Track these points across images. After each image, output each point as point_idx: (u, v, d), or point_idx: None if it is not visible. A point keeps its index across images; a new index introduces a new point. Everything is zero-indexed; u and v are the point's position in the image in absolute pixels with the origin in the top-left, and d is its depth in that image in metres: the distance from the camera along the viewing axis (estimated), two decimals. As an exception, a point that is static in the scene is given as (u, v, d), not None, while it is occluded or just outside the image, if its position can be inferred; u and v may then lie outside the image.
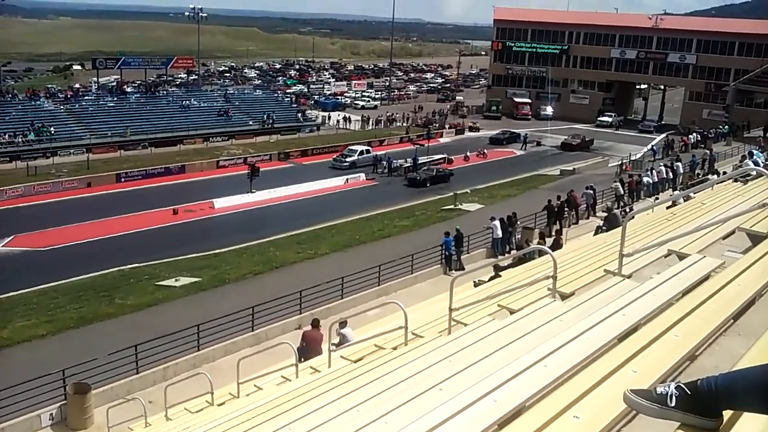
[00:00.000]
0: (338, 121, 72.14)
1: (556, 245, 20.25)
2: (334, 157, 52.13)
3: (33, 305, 22.65)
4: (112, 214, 35.51)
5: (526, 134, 62.92)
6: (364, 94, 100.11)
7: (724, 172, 25.87)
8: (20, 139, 49.34)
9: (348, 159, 50.75)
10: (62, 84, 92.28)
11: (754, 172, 11.42)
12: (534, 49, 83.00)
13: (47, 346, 19.23)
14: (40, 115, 53.62)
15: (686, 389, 2.36)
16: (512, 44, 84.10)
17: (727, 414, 2.44)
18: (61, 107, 56.69)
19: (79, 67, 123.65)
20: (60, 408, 15.67)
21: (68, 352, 17.93)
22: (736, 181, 12.36)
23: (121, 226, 33.95)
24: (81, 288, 24.57)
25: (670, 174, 35.36)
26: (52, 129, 51.29)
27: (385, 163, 49.21)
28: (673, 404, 2.36)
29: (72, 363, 16.06)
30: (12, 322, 20.80)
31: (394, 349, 7.96)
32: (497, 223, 26.62)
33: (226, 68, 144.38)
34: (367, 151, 52.40)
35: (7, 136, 49.34)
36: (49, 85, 79.30)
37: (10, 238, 31.56)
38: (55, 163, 47.30)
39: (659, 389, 2.42)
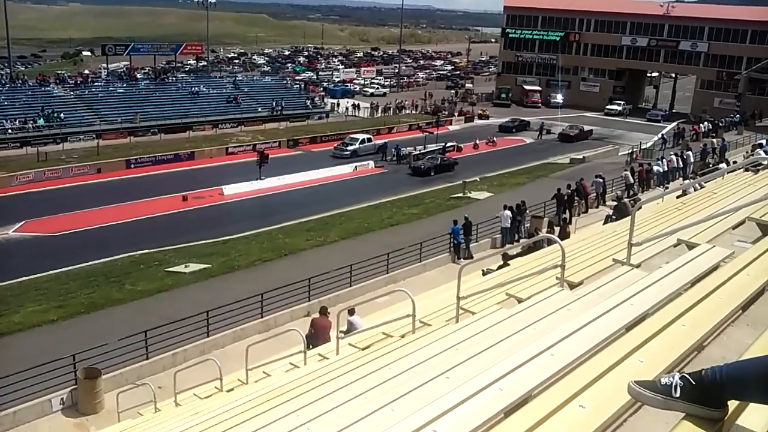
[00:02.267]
0: (347, 109, 72.03)
1: (563, 234, 20.19)
2: (335, 145, 51.71)
3: (44, 290, 22.79)
4: (122, 200, 35.64)
5: (542, 123, 62.45)
6: (373, 81, 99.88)
7: (735, 161, 25.73)
8: (30, 125, 49.50)
9: (349, 148, 50.30)
10: (72, 70, 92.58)
11: (765, 162, 11.38)
12: (541, 36, 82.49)
13: (58, 331, 19.35)
14: (49, 101, 53.71)
15: (690, 379, 2.36)
16: (520, 31, 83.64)
17: (732, 404, 2.45)
18: (71, 93, 56.77)
19: (88, 53, 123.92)
20: (70, 392, 15.80)
21: (79, 337, 18.04)
22: (747, 170, 12.28)
23: (130, 212, 34.08)
24: (91, 273, 24.70)
25: (681, 163, 35.16)
26: (62, 115, 51.40)
27: (394, 151, 49.06)
28: (678, 395, 2.36)
29: (82, 348, 16.17)
30: (23, 307, 20.92)
31: (402, 337, 7.99)
32: (507, 212, 26.54)
33: (236, 55, 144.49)
34: (369, 140, 52.01)
35: (17, 121, 49.53)
36: (59, 71, 79.51)
37: (21, 223, 31.73)
38: (65, 149, 47.48)
39: (663, 380, 2.42)
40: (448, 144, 51.29)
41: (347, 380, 5.78)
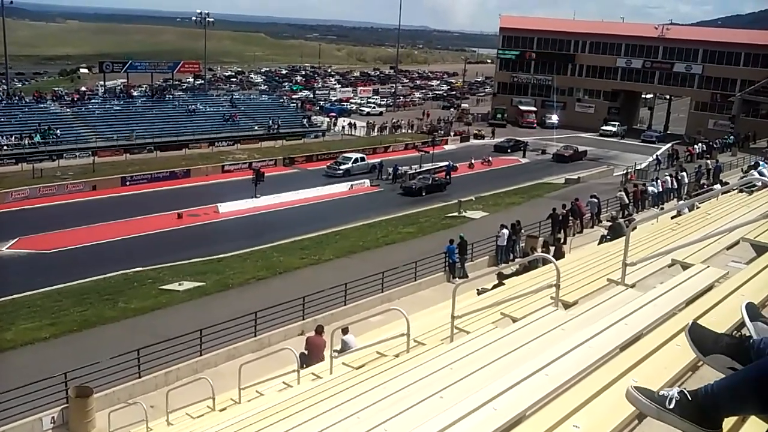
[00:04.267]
0: (343, 127, 72.28)
1: (558, 254, 20.20)
2: (328, 164, 51.60)
3: (36, 307, 22.66)
4: (117, 218, 35.59)
5: (527, 142, 62.91)
6: (369, 100, 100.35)
7: (726, 182, 25.84)
8: (26, 142, 49.49)
9: (342, 167, 50.18)
10: (69, 87, 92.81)
11: (759, 183, 11.42)
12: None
13: (50, 348, 19.22)
14: (46, 117, 53.73)
15: (687, 395, 2.37)
16: (517, 52, 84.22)
17: (727, 424, 2.43)
18: (68, 110, 56.86)
19: (86, 71, 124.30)
20: (61, 411, 15.65)
21: (71, 355, 17.93)
22: (741, 191, 12.33)
23: (125, 229, 34.00)
24: (84, 291, 24.59)
25: (675, 184, 35.29)
26: (58, 132, 51.45)
27: (390, 170, 49.09)
28: (671, 407, 2.36)
29: (74, 366, 16.05)
30: (15, 324, 20.80)
31: (396, 356, 7.94)
32: (506, 231, 26.57)
33: (233, 73, 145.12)
34: (362, 159, 51.91)
35: (13, 138, 49.51)
36: (56, 88, 79.70)
37: (15, 240, 31.64)
38: (60, 165, 47.45)
39: (663, 392, 2.43)
40: (443, 164, 51.12)
41: (341, 399, 5.74)
